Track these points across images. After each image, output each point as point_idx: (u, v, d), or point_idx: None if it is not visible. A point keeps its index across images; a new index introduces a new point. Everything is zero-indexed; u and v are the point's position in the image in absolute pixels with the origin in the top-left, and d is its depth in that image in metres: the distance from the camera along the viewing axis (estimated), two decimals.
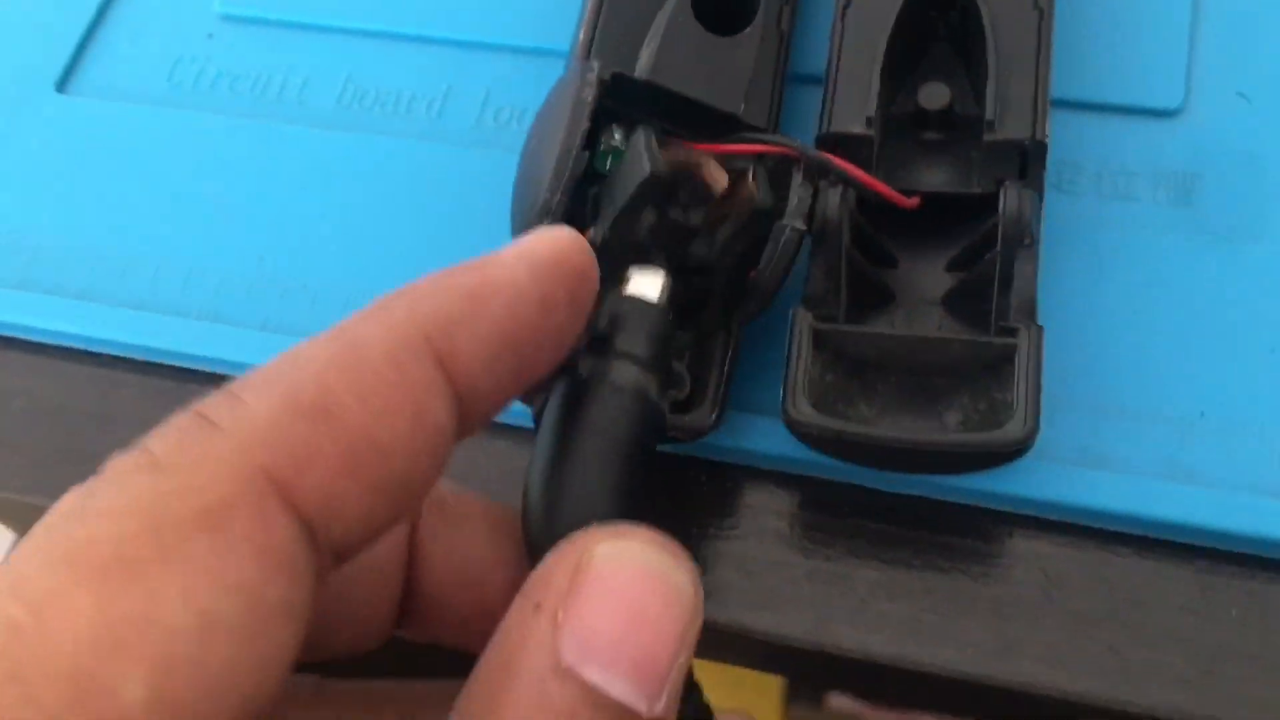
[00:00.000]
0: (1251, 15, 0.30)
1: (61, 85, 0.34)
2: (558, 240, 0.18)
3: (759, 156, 0.26)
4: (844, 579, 0.26)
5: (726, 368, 0.26)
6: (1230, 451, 0.25)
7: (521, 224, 0.25)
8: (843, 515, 0.27)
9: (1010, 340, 0.24)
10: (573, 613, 0.16)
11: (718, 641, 0.26)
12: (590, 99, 0.25)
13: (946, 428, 0.25)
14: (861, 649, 0.25)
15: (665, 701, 0.16)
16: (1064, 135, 0.29)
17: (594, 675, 0.16)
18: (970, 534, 0.26)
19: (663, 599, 0.16)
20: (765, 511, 0.27)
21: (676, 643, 0.16)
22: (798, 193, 0.25)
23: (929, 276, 0.27)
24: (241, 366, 0.29)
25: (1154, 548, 0.25)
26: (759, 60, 0.27)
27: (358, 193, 0.31)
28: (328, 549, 0.16)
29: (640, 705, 0.16)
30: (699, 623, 0.17)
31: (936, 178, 0.27)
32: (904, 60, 0.28)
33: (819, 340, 0.25)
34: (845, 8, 0.28)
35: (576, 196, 0.25)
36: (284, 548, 0.15)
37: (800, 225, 0.25)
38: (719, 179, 0.25)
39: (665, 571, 0.17)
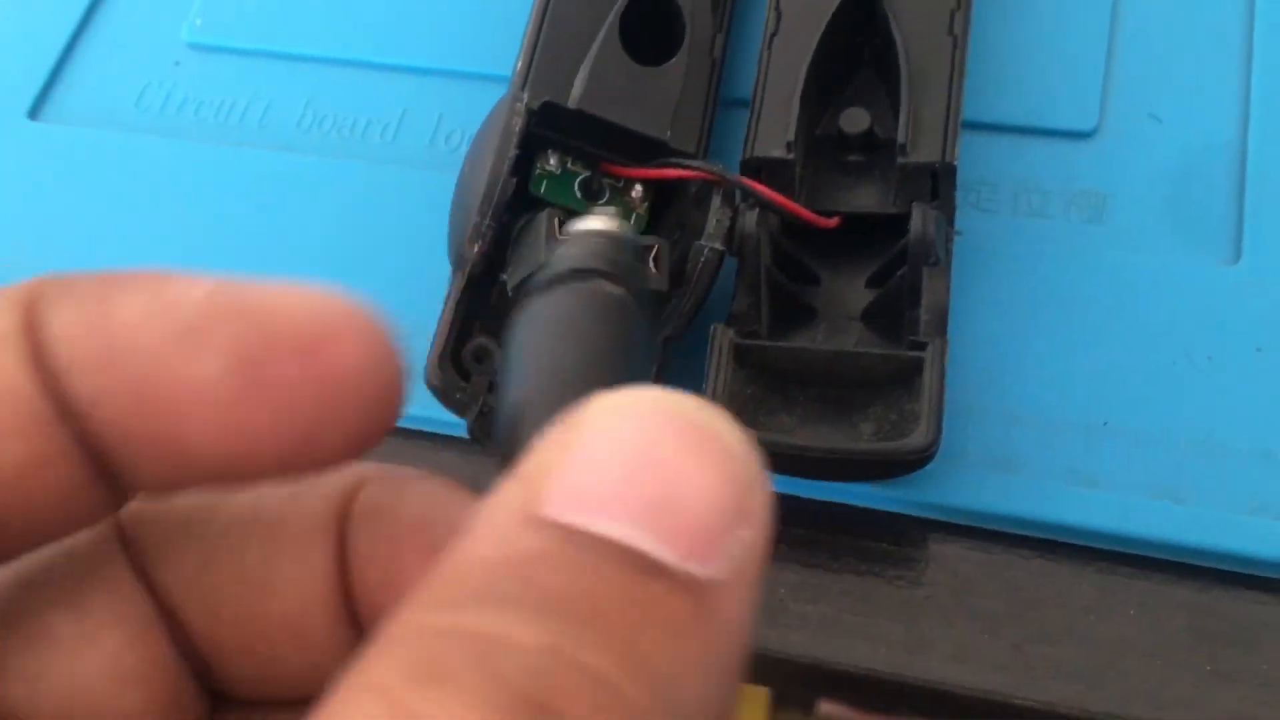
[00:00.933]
0: (1165, 39, 0.32)
1: (34, 112, 0.36)
2: (302, 301, 0.14)
3: (674, 232, 0.27)
4: (766, 581, 0.27)
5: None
6: (1130, 459, 0.27)
7: (456, 247, 0.27)
8: None
9: (919, 354, 0.26)
10: (557, 471, 0.12)
11: None
12: (518, 129, 0.26)
13: (862, 437, 0.26)
14: (781, 648, 0.27)
15: (710, 573, 0.11)
16: (983, 156, 0.31)
17: (586, 519, 0.11)
18: (886, 538, 0.27)
19: (687, 441, 0.12)
20: None
21: (716, 501, 0.12)
22: (716, 215, 0.27)
23: (850, 292, 0.28)
24: None
25: (1057, 550, 0.27)
26: (686, 87, 0.29)
27: (316, 214, 0.33)
28: None
29: (665, 555, 0.11)
30: (757, 496, 0.12)
31: (857, 198, 0.29)
32: (828, 85, 0.30)
33: (741, 355, 0.27)
34: (772, 36, 0.29)
35: (509, 219, 0.27)
36: None
37: (718, 246, 0.26)
38: None
39: (690, 414, 0.12)
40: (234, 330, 0.13)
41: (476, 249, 0.26)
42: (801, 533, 0.28)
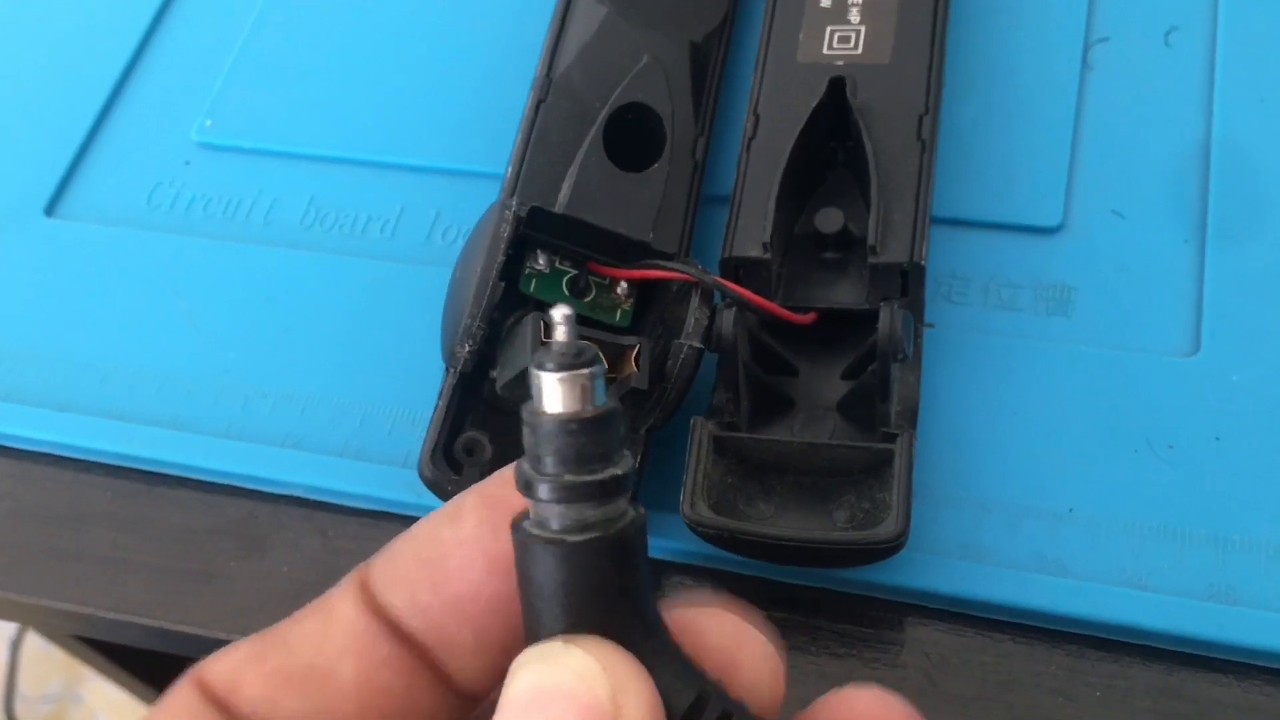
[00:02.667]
0: (1127, 138, 0.33)
1: (50, 209, 0.37)
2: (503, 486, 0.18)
3: (657, 328, 0.29)
4: None
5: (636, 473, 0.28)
6: (1095, 545, 0.28)
7: (448, 346, 0.28)
8: (747, 605, 0.29)
9: (888, 446, 0.27)
10: None
11: None
12: (506, 234, 0.28)
13: (836, 525, 0.27)
14: None
15: None
16: (955, 250, 0.32)
17: None
18: (863, 622, 0.28)
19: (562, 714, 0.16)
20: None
21: None
22: (694, 314, 0.28)
23: (826, 384, 0.30)
24: (209, 471, 0.32)
25: (1026, 634, 0.28)
26: (669, 191, 0.30)
27: (317, 308, 0.34)
28: None
29: None
30: (627, 705, 0.16)
31: (832, 294, 0.30)
32: (804, 185, 0.31)
33: (721, 446, 0.28)
34: (750, 140, 0.31)
35: (499, 319, 0.28)
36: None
37: (697, 344, 0.28)
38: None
39: (561, 687, 0.16)
40: (477, 493, 0.19)
41: (467, 348, 0.27)
42: (780, 616, 0.29)
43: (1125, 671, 0.27)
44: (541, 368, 0.17)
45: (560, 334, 0.17)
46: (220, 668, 0.18)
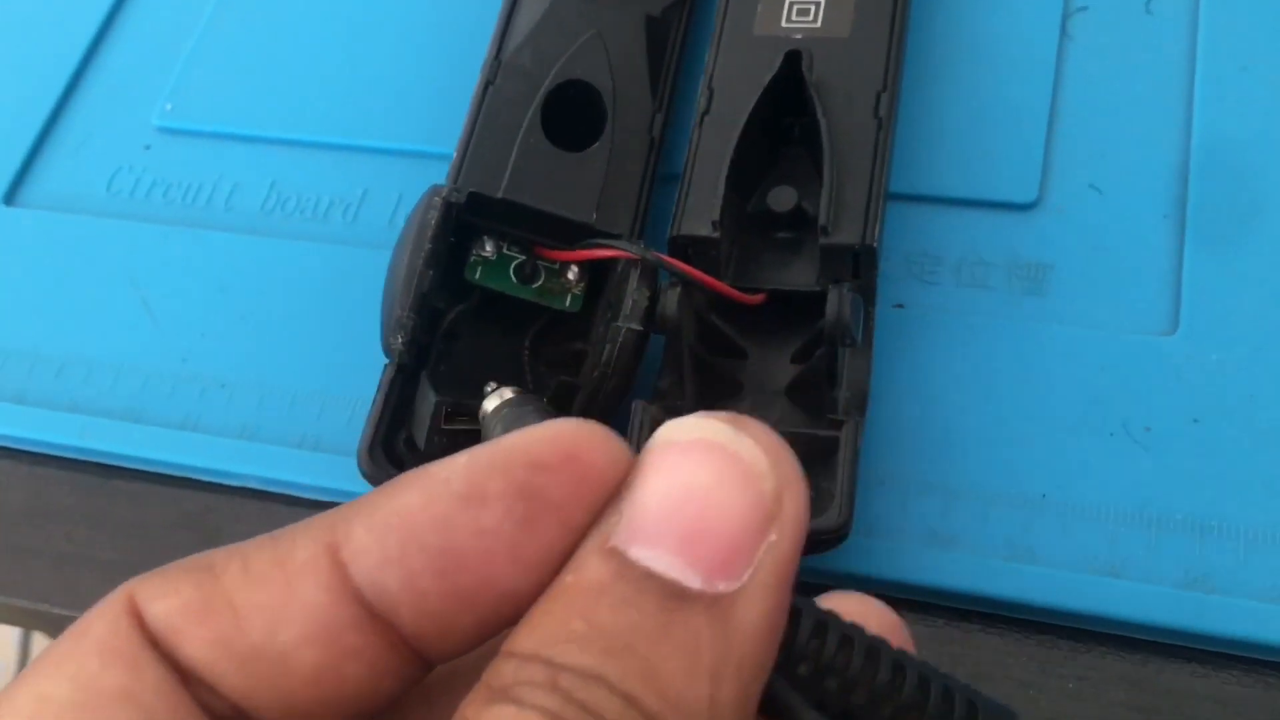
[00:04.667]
0: (1106, 112, 0.32)
1: (9, 198, 0.37)
2: (537, 435, 0.16)
3: (606, 312, 0.28)
4: None
5: None
6: (1068, 532, 0.27)
7: (384, 336, 0.27)
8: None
9: (835, 434, 0.26)
10: (628, 500, 0.15)
11: None
12: (434, 221, 0.27)
13: None
14: None
15: (735, 584, 0.14)
16: (925, 228, 0.31)
17: (637, 552, 0.15)
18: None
19: (716, 469, 0.15)
20: None
21: (741, 516, 0.15)
22: (632, 295, 0.27)
23: (776, 367, 0.29)
24: (165, 464, 0.31)
25: (998, 623, 0.27)
26: (616, 170, 0.29)
27: (278, 295, 0.34)
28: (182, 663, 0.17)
29: (690, 579, 0.14)
30: (786, 498, 0.15)
31: (784, 275, 0.29)
32: (758, 163, 0.30)
33: None
34: (703, 115, 0.30)
35: (443, 307, 0.28)
36: (125, 647, 0.16)
37: (636, 326, 0.27)
38: None
39: (723, 443, 0.15)
40: (503, 475, 0.15)
41: (400, 339, 0.27)
42: None
43: (1098, 662, 0.26)
44: None
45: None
46: (159, 610, 0.16)
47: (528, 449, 0.15)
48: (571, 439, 0.15)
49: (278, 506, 0.31)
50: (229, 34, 0.38)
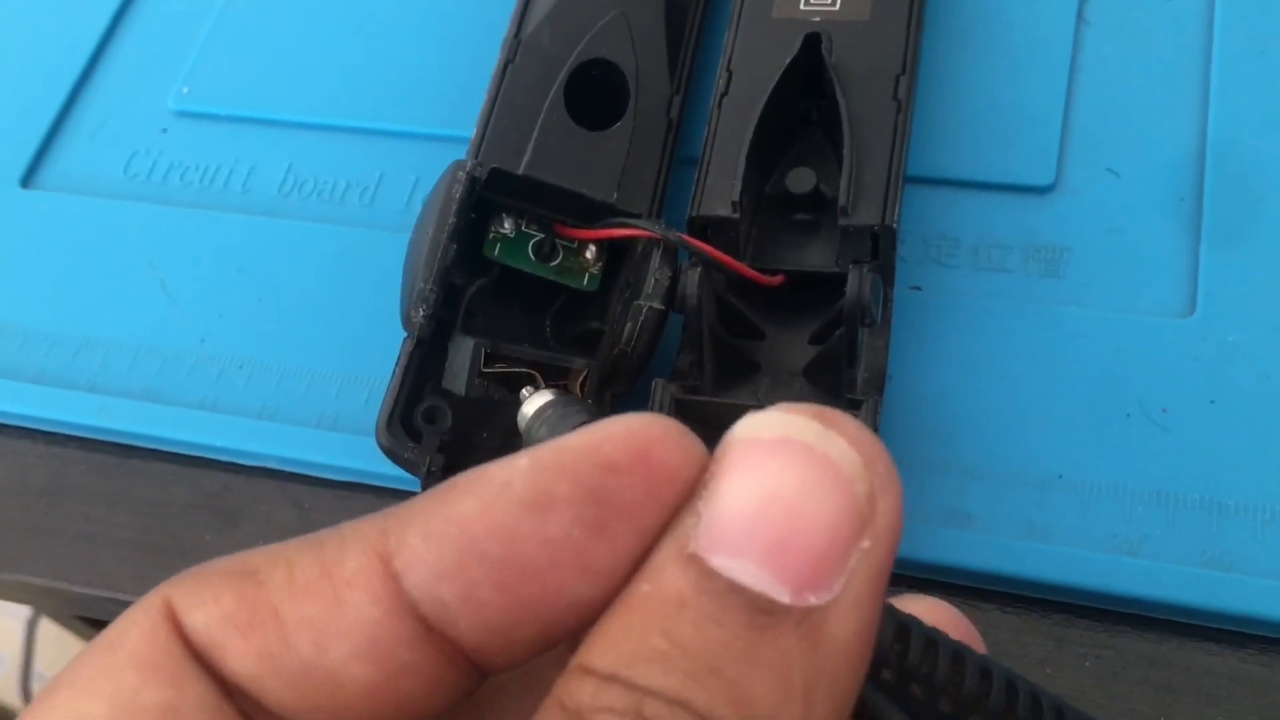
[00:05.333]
0: (1123, 94, 0.32)
1: (26, 180, 0.37)
2: (607, 432, 0.15)
3: (625, 291, 0.28)
4: None
5: None
6: (1085, 512, 0.27)
7: (404, 310, 0.27)
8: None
9: (854, 413, 0.26)
10: (707, 502, 0.14)
11: None
12: (459, 195, 0.27)
13: None
14: None
15: (827, 597, 0.13)
16: (943, 211, 0.31)
17: (719, 561, 0.14)
18: None
19: (805, 472, 0.14)
20: None
21: (832, 523, 0.14)
22: (654, 274, 0.27)
23: (794, 348, 0.29)
24: (184, 444, 0.32)
25: (1015, 603, 0.27)
26: (637, 150, 0.30)
27: (295, 277, 0.34)
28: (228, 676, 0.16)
29: (779, 593, 0.13)
30: (880, 502, 0.14)
31: (802, 256, 0.29)
32: (777, 145, 0.30)
33: (682, 409, 0.27)
34: (721, 97, 0.30)
35: (461, 284, 0.28)
36: (164, 660, 0.15)
37: (658, 305, 0.27)
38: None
39: (811, 442, 0.14)
40: (571, 478, 0.14)
41: (421, 312, 0.27)
42: None
43: (1115, 641, 0.26)
44: None
45: None
46: (200, 620, 0.15)
47: (597, 448, 0.14)
48: (644, 437, 0.14)
49: (295, 486, 0.31)
50: (245, 17, 0.39)
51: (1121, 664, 0.26)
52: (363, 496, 0.30)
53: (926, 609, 0.17)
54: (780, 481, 0.14)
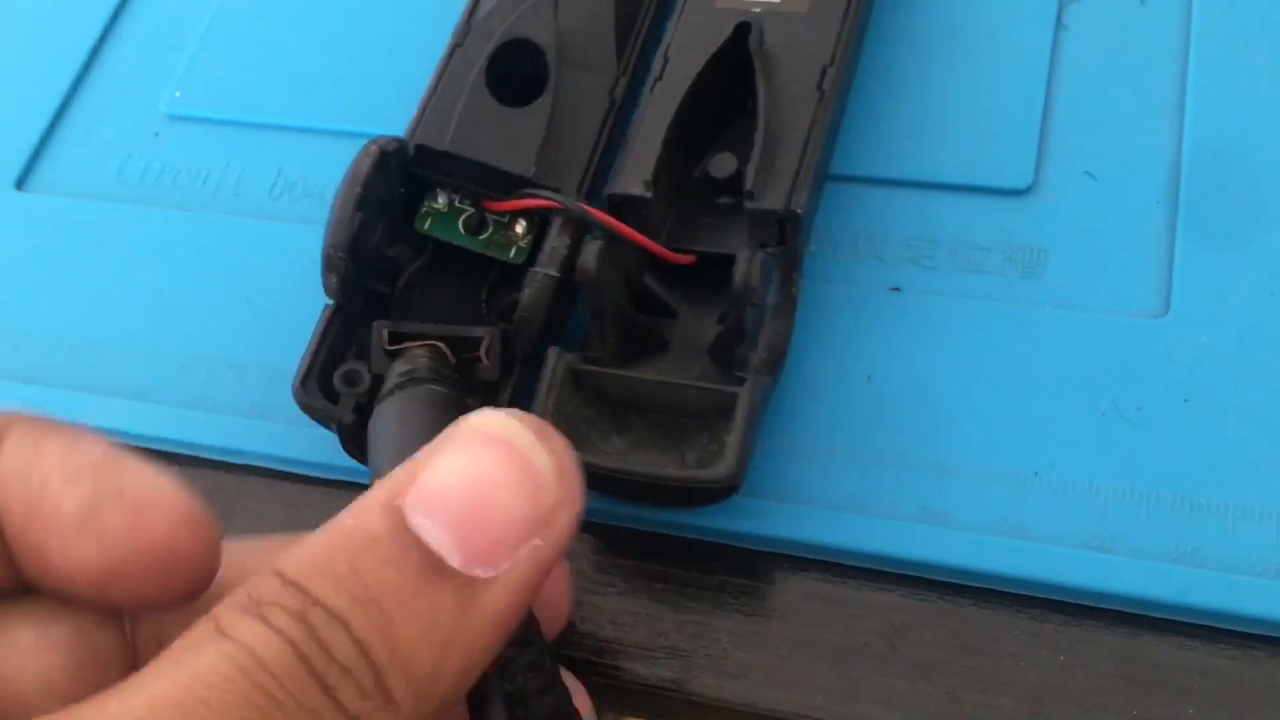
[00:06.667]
0: (1100, 99, 0.33)
1: (20, 183, 0.37)
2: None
3: (503, 314, 0.30)
4: (709, 630, 0.28)
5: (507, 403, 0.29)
6: (1061, 508, 0.27)
7: (324, 280, 0.29)
8: (710, 571, 0.29)
9: (735, 389, 0.27)
10: (422, 468, 0.17)
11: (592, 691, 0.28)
12: (366, 169, 0.29)
13: (686, 464, 0.27)
14: (721, 695, 0.27)
15: (490, 573, 0.16)
16: (922, 213, 0.32)
17: (415, 518, 0.16)
18: (825, 587, 0.28)
19: (508, 469, 0.17)
20: (638, 571, 0.29)
21: (515, 516, 0.17)
22: (551, 242, 0.29)
23: (702, 327, 0.30)
24: (174, 442, 0.32)
25: (989, 598, 0.27)
26: (566, 128, 0.31)
27: (283, 277, 0.34)
28: None
29: (452, 558, 0.16)
30: (560, 512, 0.17)
31: (719, 238, 0.30)
32: (706, 130, 0.31)
33: (579, 379, 0.28)
34: (655, 82, 0.31)
35: (394, 256, 0.30)
36: None
37: (553, 273, 0.28)
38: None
39: (520, 445, 0.17)
40: (94, 489, 0.18)
41: (334, 279, 0.28)
42: (743, 583, 0.28)
43: (1089, 635, 0.27)
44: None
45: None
46: None
47: (135, 488, 0.18)
48: (163, 500, 0.18)
49: (284, 484, 0.32)
50: (236, 23, 0.39)
51: (1095, 658, 0.26)
52: (349, 493, 0.30)
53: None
54: (487, 470, 0.17)
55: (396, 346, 0.28)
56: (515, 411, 0.18)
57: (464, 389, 0.27)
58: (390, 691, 0.16)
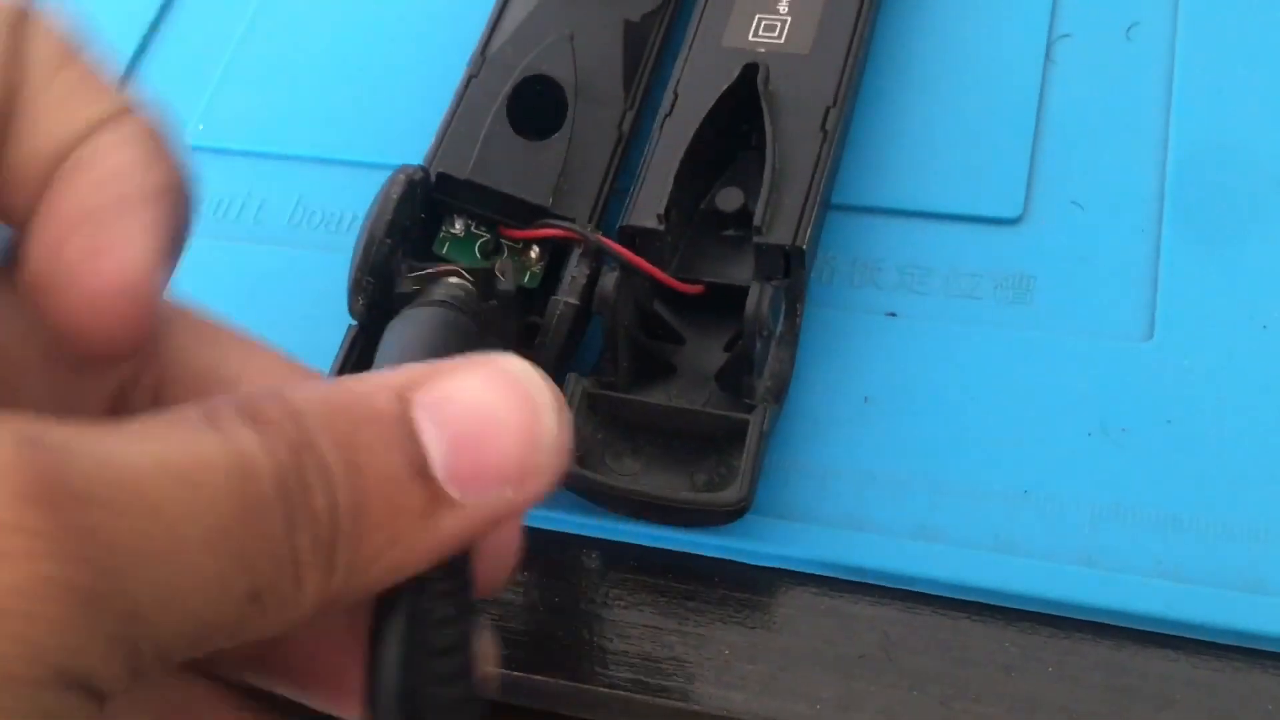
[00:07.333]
0: (1087, 131, 0.34)
1: None
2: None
3: (518, 336, 0.31)
4: (711, 643, 0.29)
5: None
6: (1050, 525, 0.29)
7: (348, 299, 0.30)
8: (713, 585, 0.30)
9: (746, 416, 0.28)
10: (441, 375, 0.17)
11: (598, 701, 0.29)
12: (395, 196, 0.30)
13: (695, 486, 0.29)
14: (723, 706, 0.28)
15: (461, 498, 0.17)
16: (916, 241, 0.33)
17: (422, 416, 0.17)
18: (824, 601, 0.29)
19: (518, 416, 0.17)
20: (644, 585, 0.30)
21: (506, 460, 0.17)
22: (572, 272, 0.30)
23: (709, 355, 0.31)
24: None
25: (982, 612, 0.29)
26: (581, 160, 0.32)
27: (305, 303, 0.35)
28: None
29: (438, 469, 0.17)
30: (541, 476, 0.17)
31: (725, 270, 0.31)
32: (714, 165, 0.33)
33: (595, 403, 0.30)
34: (665, 117, 0.33)
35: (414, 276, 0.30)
36: None
37: (573, 301, 0.29)
38: None
39: (537, 401, 0.17)
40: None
41: (361, 301, 0.30)
42: (745, 596, 0.30)
43: (1077, 648, 0.28)
44: None
45: None
46: None
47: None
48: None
49: None
50: (256, 59, 0.41)
51: (1082, 668, 0.28)
52: None
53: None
54: (499, 407, 0.17)
55: (424, 271, 0.29)
56: (542, 372, 0.18)
57: (492, 312, 0.29)
58: (334, 557, 0.16)
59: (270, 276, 0.36)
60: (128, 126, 0.20)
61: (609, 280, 0.29)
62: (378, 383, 0.17)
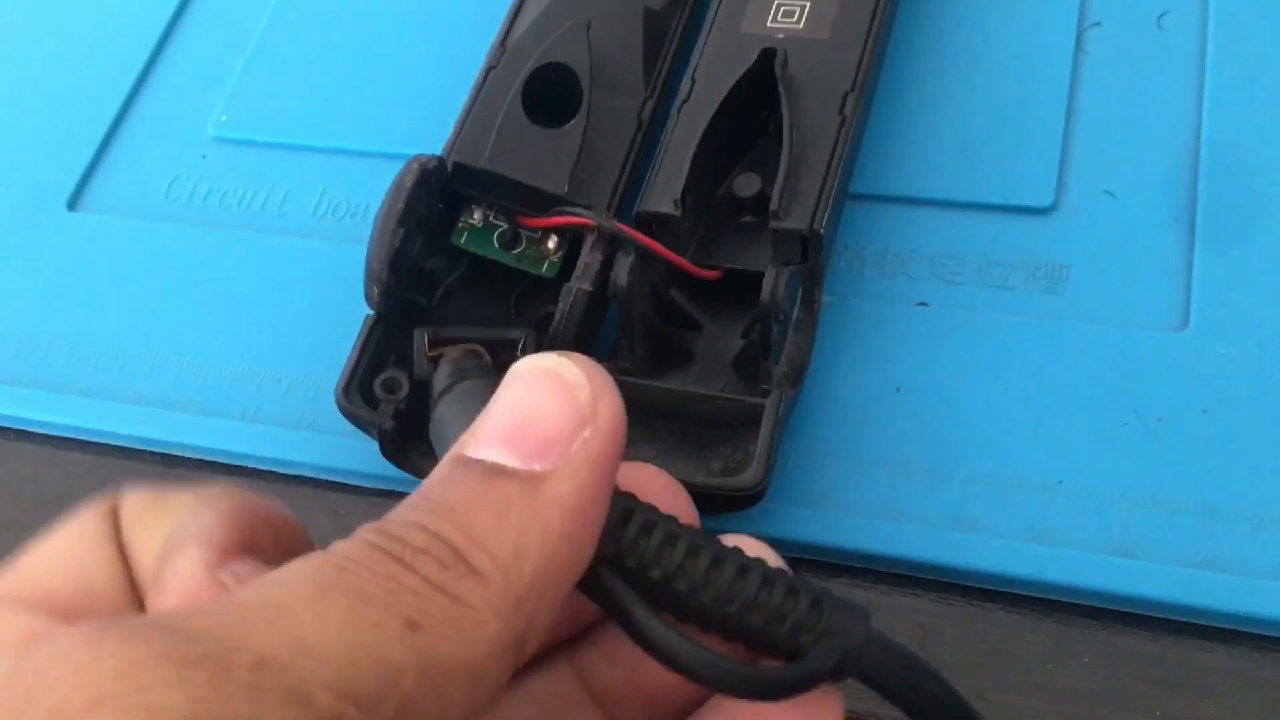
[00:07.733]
0: (1119, 120, 0.34)
1: (72, 204, 0.39)
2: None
3: (536, 326, 0.31)
4: None
5: None
6: (1084, 515, 0.28)
7: (365, 289, 0.30)
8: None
9: (762, 401, 0.28)
10: (481, 419, 0.19)
11: None
12: (409, 185, 0.30)
13: (711, 472, 0.28)
14: None
15: (549, 467, 0.18)
16: (948, 231, 0.33)
17: (473, 452, 0.18)
18: (858, 592, 0.29)
19: (543, 385, 0.19)
20: None
21: (558, 418, 0.18)
22: (586, 258, 0.30)
23: (726, 340, 0.31)
24: (225, 453, 0.33)
25: (1018, 602, 0.28)
26: (598, 148, 0.32)
27: (329, 294, 0.35)
28: None
29: (510, 462, 0.18)
30: (600, 406, 0.18)
31: (742, 255, 0.31)
32: (732, 151, 0.32)
33: None
34: (683, 104, 0.32)
35: (430, 269, 0.31)
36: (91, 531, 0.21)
37: (587, 287, 0.29)
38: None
39: (548, 366, 0.19)
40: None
41: (378, 291, 0.29)
42: None
43: (1113, 639, 0.28)
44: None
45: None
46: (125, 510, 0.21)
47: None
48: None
49: (331, 493, 0.33)
50: (281, 48, 0.40)
51: (1118, 660, 0.27)
52: (395, 502, 0.32)
53: (648, 476, 0.21)
54: (523, 394, 0.19)
55: (437, 351, 0.29)
56: (545, 353, 0.19)
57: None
58: (473, 565, 0.17)
59: (295, 267, 0.36)
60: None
61: (624, 265, 0.29)
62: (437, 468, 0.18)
